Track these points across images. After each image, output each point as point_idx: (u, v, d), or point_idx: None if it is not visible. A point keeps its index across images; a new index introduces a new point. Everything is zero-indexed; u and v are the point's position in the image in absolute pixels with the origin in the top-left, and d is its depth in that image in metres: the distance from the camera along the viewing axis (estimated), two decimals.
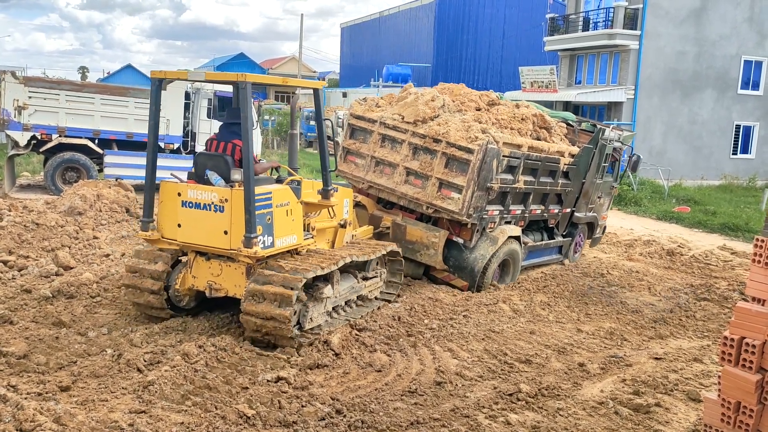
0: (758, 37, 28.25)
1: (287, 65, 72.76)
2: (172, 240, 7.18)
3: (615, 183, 13.30)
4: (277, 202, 6.96)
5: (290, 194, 7.22)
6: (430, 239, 9.55)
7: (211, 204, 6.83)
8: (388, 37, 57.72)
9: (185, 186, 7.01)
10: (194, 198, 6.92)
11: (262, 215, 6.70)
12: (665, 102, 27.35)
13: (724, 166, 28.57)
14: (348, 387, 6.14)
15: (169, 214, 7.12)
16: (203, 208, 6.87)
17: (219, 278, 7.28)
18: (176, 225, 7.08)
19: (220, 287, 7.29)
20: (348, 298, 7.97)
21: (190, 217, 6.96)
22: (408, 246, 9.64)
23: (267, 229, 6.79)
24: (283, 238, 7.06)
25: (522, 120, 10.55)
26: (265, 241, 6.77)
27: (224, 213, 6.76)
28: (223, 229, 6.77)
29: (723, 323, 8.97)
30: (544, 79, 29.02)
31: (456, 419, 5.56)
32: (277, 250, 7.01)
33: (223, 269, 7.25)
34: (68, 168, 16.38)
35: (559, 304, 9.41)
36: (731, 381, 3.91)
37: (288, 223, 7.14)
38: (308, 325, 7.02)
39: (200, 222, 6.91)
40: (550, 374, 6.72)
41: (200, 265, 7.38)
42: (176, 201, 7.01)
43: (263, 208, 6.73)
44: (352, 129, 10.61)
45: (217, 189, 6.85)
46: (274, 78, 7.68)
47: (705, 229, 17.79)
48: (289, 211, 7.13)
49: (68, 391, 5.59)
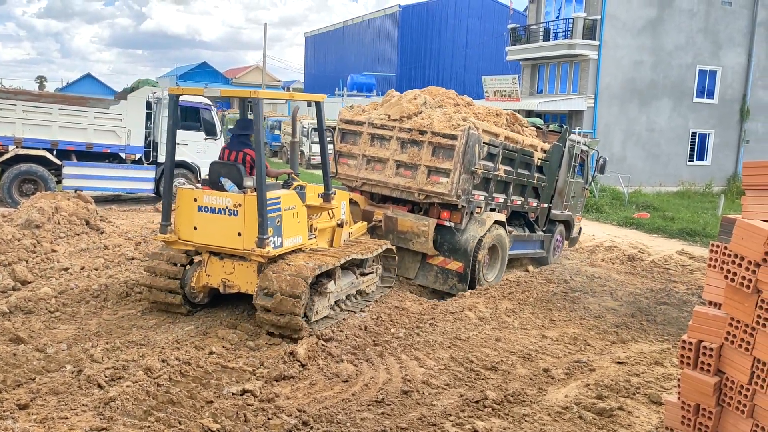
0: (713, 47, 29.06)
1: (251, 74, 72.29)
2: (189, 241, 7.86)
3: (586, 185, 14.10)
4: (285, 206, 7.70)
5: (296, 198, 8.01)
6: (420, 228, 10.16)
7: (225, 208, 7.53)
8: (352, 46, 57.85)
9: (201, 192, 7.72)
10: (209, 203, 7.61)
11: (272, 218, 7.41)
12: (624, 110, 27.93)
13: (682, 172, 29.26)
14: (315, 398, 6.10)
15: (185, 218, 7.81)
16: (218, 212, 7.58)
17: (232, 276, 7.97)
18: (192, 228, 7.75)
19: (233, 284, 7.97)
20: (348, 292, 8.70)
21: (206, 220, 7.65)
22: (400, 236, 10.30)
23: (276, 231, 7.53)
24: (290, 239, 7.82)
25: (497, 115, 11.54)
26: (275, 241, 7.50)
27: (238, 217, 7.46)
28: (237, 231, 7.48)
29: (682, 327, 9.15)
30: (506, 88, 29.38)
31: (423, 428, 5.57)
32: (286, 250, 7.74)
33: (236, 268, 7.93)
34: (25, 180, 15.98)
35: (523, 310, 9.49)
36: (690, 384, 3.99)
37: (294, 225, 7.92)
38: (314, 317, 7.71)
39: (215, 225, 7.60)
40: (516, 380, 6.77)
41: (214, 264, 8.06)
42: (192, 206, 7.70)
43: (273, 211, 7.45)
44: (343, 133, 11.41)
45: (231, 195, 7.56)
46: (281, 94, 8.53)
47: (664, 234, 18.18)
48: (295, 213, 7.91)
49: (27, 409, 5.43)
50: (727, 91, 29.73)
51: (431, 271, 10.57)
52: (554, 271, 11.97)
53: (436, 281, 10.53)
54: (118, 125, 16.73)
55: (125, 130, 16.78)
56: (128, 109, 16.89)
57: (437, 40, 49.76)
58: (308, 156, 32.17)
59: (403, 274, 10.80)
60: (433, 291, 10.62)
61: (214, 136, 18.16)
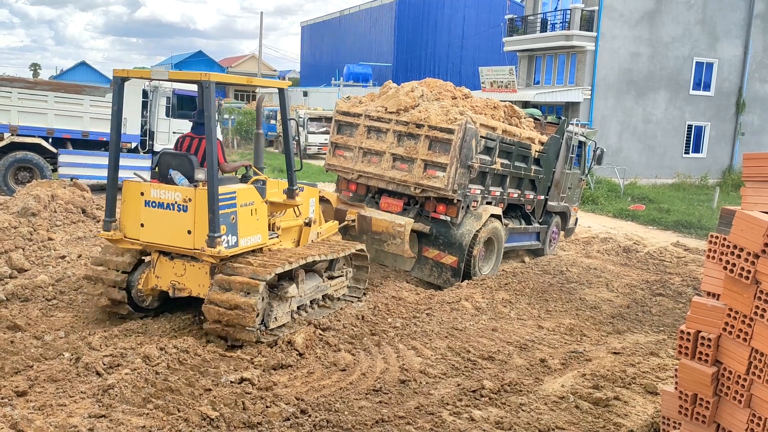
0: (710, 39, 29.06)
1: (247, 63, 72.01)
2: (135, 240, 7.17)
3: (583, 176, 14.10)
4: (242, 201, 6.99)
5: (255, 194, 7.25)
6: (395, 228, 9.76)
7: (174, 203, 6.83)
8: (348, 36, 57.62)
9: (148, 185, 6.99)
10: (157, 197, 6.91)
11: (226, 215, 6.72)
12: (620, 102, 27.95)
13: (677, 164, 29.33)
14: (312, 387, 6.12)
15: (131, 214, 7.11)
16: (167, 208, 6.88)
17: (183, 278, 7.28)
18: (139, 225, 7.07)
19: (183, 287, 7.30)
20: (313, 297, 8.00)
21: (154, 216, 6.96)
22: (374, 237, 9.93)
23: (231, 229, 6.83)
24: (247, 238, 7.11)
25: (494, 108, 11.46)
26: (229, 240, 6.80)
27: (188, 213, 6.77)
28: (187, 228, 6.78)
29: (678, 318, 9.22)
30: (503, 79, 29.35)
31: (421, 417, 5.60)
32: (242, 250, 7.03)
33: (187, 269, 7.25)
34: (21, 168, 15.91)
35: (520, 301, 9.53)
36: (688, 374, 4.02)
37: (253, 223, 7.18)
38: (273, 324, 7.06)
39: (163, 222, 6.91)
40: (513, 370, 6.81)
41: (163, 264, 7.36)
42: (139, 201, 7.01)
43: (227, 207, 6.75)
44: (339, 125, 11.33)
45: (180, 188, 6.86)
46: (238, 78, 7.63)
47: (659, 226, 18.25)
48: (253, 210, 7.18)
49: (25, 396, 5.44)
50: (724, 84, 29.77)
51: (427, 264, 10.58)
52: (550, 262, 12.01)
53: (431, 274, 10.54)
54: None
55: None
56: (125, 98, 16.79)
57: (434, 31, 49.61)
58: (304, 146, 32.09)
59: (399, 266, 10.82)
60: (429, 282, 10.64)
61: None
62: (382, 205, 10.88)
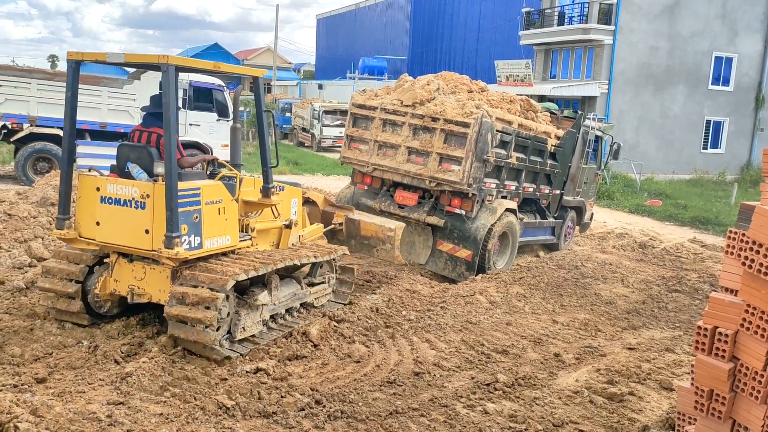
0: (729, 34, 28.72)
1: (262, 56, 72.15)
2: (90, 239, 6.53)
3: (599, 170, 14.01)
4: (207, 199, 6.36)
5: (223, 191, 6.58)
6: (385, 233, 9.11)
7: (131, 200, 6.19)
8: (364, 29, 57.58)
9: (104, 180, 6.36)
10: (114, 193, 6.26)
11: (188, 213, 6.12)
12: (638, 97, 27.71)
13: (695, 160, 29.06)
14: (327, 378, 6.16)
15: (87, 211, 6.49)
16: (123, 205, 6.23)
17: (142, 282, 6.62)
18: (95, 223, 6.43)
19: (143, 292, 6.62)
20: (290, 305, 7.32)
21: (110, 214, 6.31)
22: (363, 242, 9.31)
23: (194, 229, 6.21)
24: (213, 239, 6.45)
25: (510, 101, 11.41)
26: (192, 241, 6.19)
27: (146, 210, 6.13)
28: (145, 227, 6.15)
29: (694, 314, 9.17)
30: (519, 73, 29.19)
31: (434, 409, 5.62)
32: (206, 252, 6.41)
33: (147, 272, 6.58)
34: (40, 158, 16.07)
35: (534, 295, 9.52)
36: (704, 369, 4.00)
37: (220, 223, 6.53)
38: (240, 335, 6.43)
39: (120, 220, 6.28)
40: (527, 364, 6.81)
41: (122, 267, 6.70)
42: (95, 196, 6.38)
43: (190, 205, 6.15)
44: (354, 118, 11.35)
45: (138, 183, 6.22)
46: (204, 63, 6.81)
47: (676, 222, 18.12)
48: (221, 209, 6.53)
49: (44, 383, 5.52)
50: (743, 79, 29.43)
51: (441, 257, 10.59)
52: (565, 257, 11.98)
53: (445, 268, 10.56)
54: (132, 105, 16.78)
55: (139, 110, 16.81)
56: (142, 89, 16.92)
57: (449, 24, 49.46)
58: (319, 139, 32.16)
59: (414, 259, 10.84)
60: (443, 275, 10.65)
61: (226, 117, 18.24)
62: (397, 199, 10.89)
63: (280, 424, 5.14)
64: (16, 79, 15.76)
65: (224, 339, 6.29)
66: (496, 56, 37.11)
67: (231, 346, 6.38)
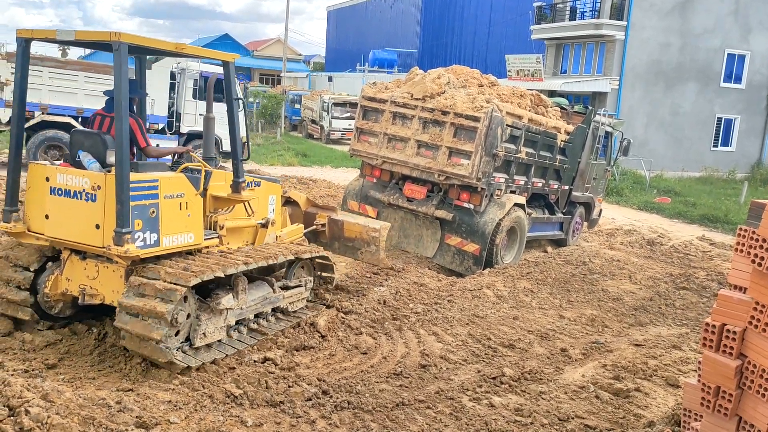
0: (742, 31, 28.51)
1: (272, 47, 72.06)
2: (39, 234, 6.02)
3: (608, 166, 13.98)
4: (166, 192, 5.83)
5: (185, 184, 6.04)
6: (370, 234, 8.48)
7: (82, 191, 5.65)
8: (374, 21, 57.46)
9: (54, 169, 5.81)
10: (64, 184, 5.71)
11: (143, 207, 5.62)
12: (648, 93, 27.58)
13: (705, 158, 28.91)
14: (334, 368, 6.20)
15: (36, 203, 5.96)
16: (74, 197, 5.68)
17: (95, 282, 6.06)
18: (44, 216, 5.91)
19: (95, 292, 6.06)
20: (260, 310, 6.77)
21: (59, 206, 5.78)
22: (347, 244, 8.72)
23: (150, 225, 5.68)
24: (173, 236, 5.91)
25: (521, 96, 11.42)
26: (147, 238, 5.67)
27: (96, 203, 5.59)
28: (95, 222, 5.60)
29: (701, 312, 9.15)
30: (530, 67, 29.09)
31: (441, 401, 5.65)
32: (165, 250, 5.88)
33: (100, 271, 6.02)
34: (51, 146, 16.15)
35: (542, 290, 9.52)
36: (712, 366, 4.00)
37: (181, 219, 5.99)
38: (200, 341, 5.89)
39: (70, 213, 5.74)
40: (533, 359, 6.83)
41: (74, 265, 6.14)
42: (44, 187, 5.84)
43: (146, 198, 5.65)
44: (365, 110, 11.35)
45: (88, 173, 5.69)
46: (165, 43, 6.20)
47: (685, 219, 18.05)
48: (183, 204, 5.98)
49: (55, 369, 5.59)
50: (755, 76, 29.23)
51: (449, 251, 10.60)
52: (573, 252, 11.96)
53: (452, 262, 10.57)
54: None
55: (149, 100, 16.85)
56: (152, 79, 16.96)
57: (460, 17, 49.23)
58: (328, 131, 32.17)
59: (422, 252, 10.86)
60: (450, 269, 10.67)
61: None
62: (406, 192, 10.91)
63: (287, 413, 5.18)
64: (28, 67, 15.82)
65: (178, 348, 5.69)
66: (507, 50, 36.94)
67: (194, 354, 5.85)
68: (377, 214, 11.29)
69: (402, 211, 11.07)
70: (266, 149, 26.12)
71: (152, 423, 4.67)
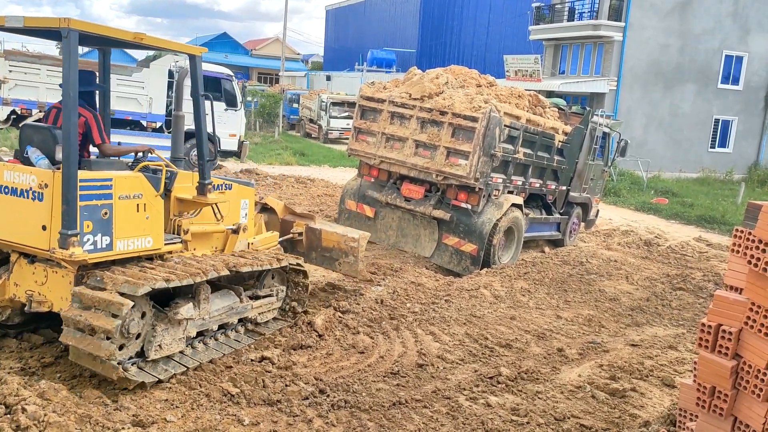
0: (741, 32, 28.56)
1: (271, 46, 72.04)
2: None
3: (606, 167, 14.02)
4: (122, 192, 5.43)
5: (144, 184, 5.63)
6: (348, 244, 8.12)
7: (29, 190, 5.25)
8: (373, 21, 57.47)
9: (1, 166, 5.43)
10: (11, 182, 5.32)
11: (94, 207, 5.23)
12: (647, 94, 27.62)
13: (703, 159, 28.97)
14: (331, 368, 6.20)
15: None
16: (20, 195, 5.29)
17: (43, 288, 5.59)
18: None
19: (43, 299, 5.59)
20: (224, 321, 6.36)
21: (6, 206, 5.39)
22: (324, 254, 8.35)
23: (101, 227, 5.29)
24: (128, 240, 5.51)
25: (519, 97, 11.42)
26: (98, 241, 5.28)
27: (43, 202, 5.19)
28: (42, 223, 5.20)
29: (698, 312, 9.18)
30: (528, 68, 29.13)
31: (437, 401, 5.66)
32: (119, 255, 5.48)
33: (49, 276, 5.56)
34: None
35: (539, 290, 9.54)
36: (707, 366, 4.01)
37: (139, 222, 5.58)
38: (155, 354, 5.46)
39: (16, 213, 5.35)
40: (530, 359, 6.84)
41: (23, 269, 5.67)
42: None
43: (97, 198, 5.26)
44: (363, 110, 11.34)
45: (36, 170, 5.28)
46: (123, 32, 5.67)
47: (682, 220, 18.09)
48: (141, 205, 5.58)
49: (51, 367, 5.58)
50: (753, 78, 29.29)
51: (446, 251, 10.62)
52: (570, 253, 11.98)
53: (450, 262, 10.59)
54: (140, 93, 16.84)
55: (147, 98, 16.87)
56: (150, 77, 16.99)
57: (459, 17, 49.31)
58: (326, 130, 32.17)
59: (419, 252, 10.87)
60: (448, 269, 10.68)
61: (235, 106, 18.30)
62: (404, 191, 10.92)
63: (284, 412, 5.18)
64: (27, 65, 15.85)
65: (132, 362, 5.31)
66: (505, 51, 36.99)
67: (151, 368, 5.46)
68: (375, 214, 11.31)
69: (400, 211, 11.09)
70: (264, 148, 26.12)
71: (149, 421, 4.68)
